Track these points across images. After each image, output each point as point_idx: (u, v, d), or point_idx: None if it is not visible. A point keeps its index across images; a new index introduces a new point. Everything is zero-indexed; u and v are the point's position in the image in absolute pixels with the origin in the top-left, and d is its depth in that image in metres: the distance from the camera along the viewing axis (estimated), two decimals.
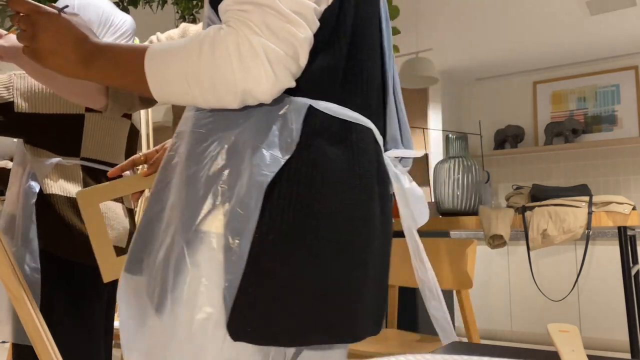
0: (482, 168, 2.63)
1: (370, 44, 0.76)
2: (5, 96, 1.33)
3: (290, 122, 0.67)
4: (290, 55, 0.63)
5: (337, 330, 0.70)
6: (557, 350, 0.65)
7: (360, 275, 0.71)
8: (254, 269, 0.64)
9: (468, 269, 1.74)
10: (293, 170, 0.66)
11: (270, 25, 0.62)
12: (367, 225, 0.71)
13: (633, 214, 2.10)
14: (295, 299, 0.66)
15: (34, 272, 1.34)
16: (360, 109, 0.74)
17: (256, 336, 0.65)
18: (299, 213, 0.65)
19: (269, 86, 0.63)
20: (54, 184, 1.37)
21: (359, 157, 0.71)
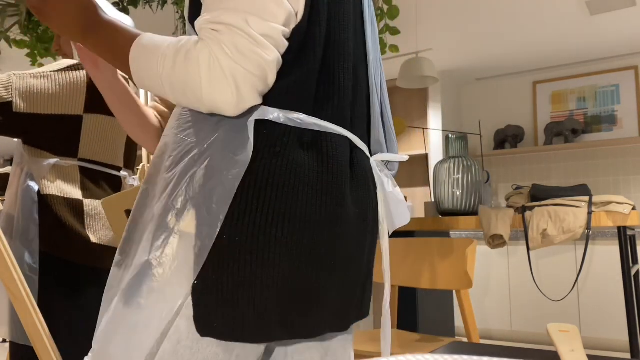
0: (482, 168, 2.63)
1: (345, 56, 0.79)
2: (4, 96, 1.33)
3: (252, 131, 0.70)
4: (258, 76, 0.67)
5: (295, 328, 0.73)
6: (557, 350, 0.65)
7: (322, 277, 0.74)
8: (220, 268, 0.68)
9: (468, 269, 1.74)
10: (259, 177, 0.69)
11: (240, 47, 0.66)
12: (333, 228, 0.74)
13: (633, 214, 2.10)
14: (258, 299, 0.69)
15: (31, 272, 1.34)
16: (334, 119, 0.77)
17: (220, 332, 0.69)
18: (264, 216, 0.69)
19: (234, 105, 0.68)
20: (52, 185, 1.37)
21: (328, 164, 0.74)
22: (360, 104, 0.84)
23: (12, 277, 1.14)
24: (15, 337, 1.34)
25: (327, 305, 0.76)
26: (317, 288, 0.73)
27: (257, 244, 0.68)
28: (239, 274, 0.68)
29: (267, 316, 0.70)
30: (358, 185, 0.80)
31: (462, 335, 4.14)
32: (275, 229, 0.69)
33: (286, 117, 0.72)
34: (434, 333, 2.85)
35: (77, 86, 1.39)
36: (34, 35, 2.47)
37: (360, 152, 0.81)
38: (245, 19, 0.67)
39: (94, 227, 1.40)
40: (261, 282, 0.68)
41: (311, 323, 0.75)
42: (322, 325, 0.77)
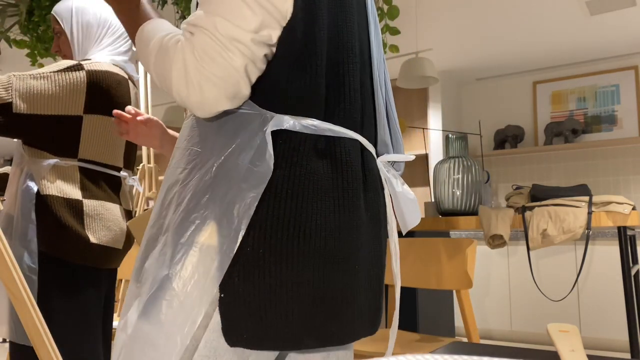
0: (482, 168, 2.63)
1: (352, 58, 0.79)
2: (4, 97, 1.33)
3: (268, 141, 0.71)
4: (222, 79, 0.69)
5: (326, 335, 0.74)
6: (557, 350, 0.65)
7: (348, 282, 0.74)
8: (246, 280, 0.69)
9: (468, 269, 1.74)
10: (279, 187, 0.70)
11: (207, 50, 0.68)
12: (352, 233, 0.75)
13: (633, 214, 2.10)
14: (286, 308, 0.70)
15: (31, 272, 1.34)
16: (345, 122, 0.78)
17: (251, 342, 0.70)
18: (286, 227, 0.70)
19: (199, 107, 0.71)
20: (51, 185, 1.37)
21: (343, 171, 0.75)
22: (368, 105, 0.85)
23: (12, 277, 1.14)
24: (15, 337, 1.34)
25: (356, 310, 0.77)
26: (343, 294, 0.74)
27: (281, 254, 0.69)
28: (266, 285, 0.69)
29: (296, 325, 0.71)
30: (369, 188, 0.81)
31: (462, 335, 4.14)
32: (297, 239, 0.70)
33: (301, 125, 0.72)
34: (434, 333, 2.85)
35: (76, 87, 1.39)
36: (34, 35, 2.47)
37: (369, 154, 0.82)
38: (215, 22, 0.68)
39: (93, 227, 1.40)
40: (287, 291, 0.69)
41: (342, 329, 0.75)
42: (356, 331, 0.78)
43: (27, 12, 2.41)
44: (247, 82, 0.72)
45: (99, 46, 1.50)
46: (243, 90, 0.72)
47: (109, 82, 1.44)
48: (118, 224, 1.46)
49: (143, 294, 0.74)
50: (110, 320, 1.57)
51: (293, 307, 0.70)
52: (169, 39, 0.73)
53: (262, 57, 0.72)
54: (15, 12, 2.41)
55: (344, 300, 0.74)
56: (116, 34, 1.53)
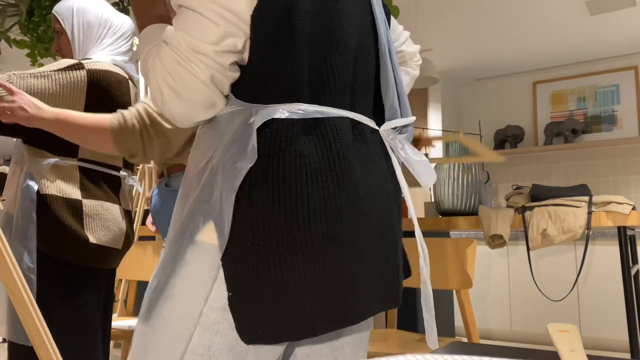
0: (482, 168, 2.63)
1: (339, 38, 0.78)
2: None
3: (254, 133, 0.72)
4: (193, 92, 0.71)
5: (340, 316, 0.73)
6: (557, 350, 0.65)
7: (354, 260, 0.74)
8: (251, 276, 0.69)
9: (468, 269, 1.74)
10: (271, 177, 0.70)
11: (174, 65, 0.71)
12: (353, 210, 0.74)
13: (633, 214, 2.10)
14: (296, 297, 0.69)
15: (30, 272, 1.34)
16: (332, 102, 0.77)
17: (267, 337, 0.69)
18: (283, 215, 0.69)
19: (177, 120, 0.74)
20: (51, 185, 1.37)
21: (334, 150, 0.74)
22: (365, 79, 0.83)
23: (12, 277, 1.14)
24: (14, 337, 1.34)
25: (370, 286, 0.76)
26: (352, 273, 0.74)
27: (282, 244, 0.69)
28: (272, 278, 0.69)
29: (309, 312, 0.70)
30: (370, 161, 0.80)
31: (462, 335, 4.14)
32: (296, 225, 0.69)
33: (288, 111, 0.73)
34: None
35: (77, 86, 1.39)
36: (34, 35, 2.47)
37: (366, 128, 0.81)
38: (179, 37, 0.71)
39: (92, 227, 1.40)
40: (294, 280, 0.69)
41: (354, 308, 0.75)
42: (371, 306, 0.77)
43: (27, 12, 2.41)
44: (217, 92, 0.74)
45: (99, 46, 1.50)
46: (216, 99, 0.74)
47: (109, 81, 1.44)
48: (117, 224, 1.46)
49: (146, 297, 0.75)
50: (109, 320, 1.57)
51: (303, 294, 0.69)
52: (147, 52, 0.77)
53: (229, 65, 0.73)
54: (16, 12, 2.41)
55: (353, 279, 0.73)
56: (117, 34, 1.53)
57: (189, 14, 0.71)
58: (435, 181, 0.86)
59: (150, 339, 0.72)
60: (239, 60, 0.74)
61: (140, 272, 2.50)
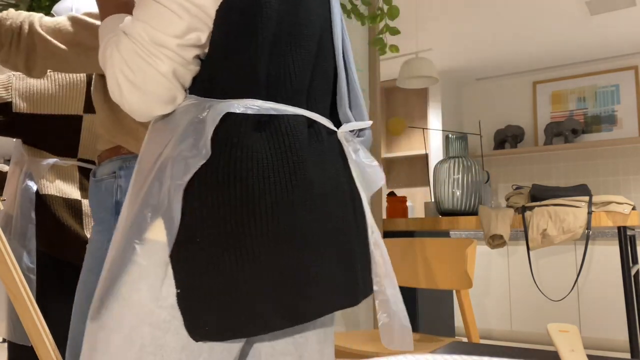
0: (481, 168, 2.63)
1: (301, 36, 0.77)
2: (4, 96, 1.33)
3: (206, 129, 0.70)
4: (153, 85, 0.70)
5: (293, 313, 0.72)
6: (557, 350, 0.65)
7: (308, 258, 0.73)
8: (200, 272, 0.67)
9: (468, 269, 1.74)
10: (222, 173, 0.69)
11: (134, 57, 0.69)
12: (307, 208, 0.73)
13: (633, 214, 2.10)
14: (247, 293, 0.68)
15: (29, 272, 1.34)
16: (289, 100, 0.76)
17: (216, 334, 0.68)
18: (234, 212, 0.68)
19: (135, 114, 0.73)
20: (50, 185, 1.37)
21: (289, 147, 0.73)
22: (322, 78, 0.83)
23: (12, 277, 1.14)
24: (14, 337, 1.34)
25: (326, 283, 0.75)
26: (307, 269, 0.72)
27: (232, 240, 0.68)
28: (221, 274, 0.67)
29: (260, 309, 0.69)
30: (326, 160, 0.79)
31: (462, 335, 4.14)
32: (247, 221, 0.68)
33: (242, 107, 0.71)
34: (434, 333, 2.85)
35: (76, 86, 1.39)
36: None
37: (322, 127, 0.80)
38: (140, 29, 0.69)
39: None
40: (245, 277, 0.68)
41: (312, 305, 0.74)
42: (326, 305, 0.76)
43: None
44: (178, 86, 0.72)
45: None
46: (177, 94, 0.73)
47: None
48: None
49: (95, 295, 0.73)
50: None
51: (253, 291, 0.68)
52: (106, 42, 0.74)
53: (191, 59, 0.72)
54: None
55: (306, 277, 0.72)
56: None
57: (151, 5, 0.69)
58: (380, 186, 0.86)
59: (100, 338, 0.70)
60: (200, 54, 0.73)
61: None
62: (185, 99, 0.74)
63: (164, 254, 0.69)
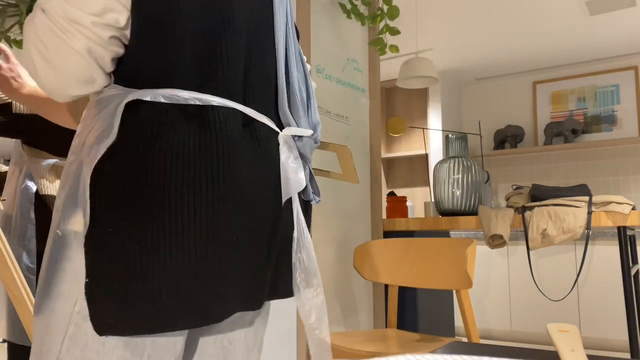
0: (481, 168, 2.63)
1: (231, 28, 0.75)
2: (3, 97, 1.33)
3: (118, 115, 0.69)
4: (68, 62, 0.68)
5: (201, 313, 0.70)
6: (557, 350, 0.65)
7: (223, 256, 0.71)
8: (110, 263, 0.65)
9: (468, 269, 1.74)
10: (138, 162, 0.67)
11: (47, 33, 0.67)
12: (228, 204, 0.71)
13: (632, 214, 2.10)
14: (153, 288, 0.66)
15: (29, 272, 1.34)
16: (219, 92, 0.73)
17: (119, 328, 0.66)
18: (148, 204, 0.66)
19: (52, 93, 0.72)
20: (50, 185, 1.37)
21: (217, 139, 0.71)
22: (261, 77, 0.81)
23: (12, 277, 1.14)
24: (13, 337, 1.34)
25: (234, 285, 0.73)
26: (217, 270, 0.70)
27: (144, 232, 0.65)
28: (130, 267, 0.65)
29: (166, 306, 0.67)
30: (258, 159, 0.77)
31: (462, 335, 4.14)
32: (160, 214, 0.66)
33: (162, 96, 0.69)
34: (434, 333, 2.85)
35: None
36: None
37: (260, 125, 0.79)
38: (55, 4, 0.67)
39: None
40: (154, 271, 0.66)
41: (219, 306, 0.72)
42: (233, 307, 0.74)
43: (27, 12, 2.41)
44: (95, 66, 0.70)
45: None
46: (94, 75, 0.71)
47: None
48: None
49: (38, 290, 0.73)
50: None
51: (161, 286, 0.66)
52: (30, 16, 0.72)
53: (108, 39, 0.69)
54: (16, 12, 2.41)
55: (219, 276, 0.70)
56: None
57: None
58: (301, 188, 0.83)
59: (43, 337, 0.70)
60: (120, 36, 0.71)
61: None
62: (110, 88, 0.72)
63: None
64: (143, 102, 0.69)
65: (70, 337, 0.68)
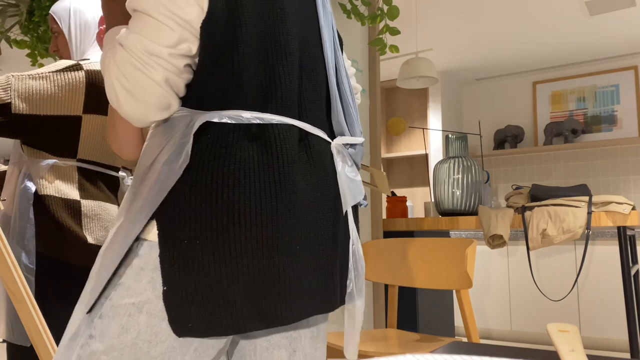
0: (481, 168, 2.63)
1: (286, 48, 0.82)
2: (3, 97, 1.33)
3: (190, 136, 0.75)
4: (147, 92, 0.75)
5: (270, 317, 0.76)
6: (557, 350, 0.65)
7: (288, 264, 0.77)
8: (186, 271, 0.72)
9: (468, 269, 1.74)
10: (210, 180, 0.74)
11: (128, 67, 0.74)
12: (291, 216, 0.77)
13: (632, 214, 2.10)
14: (227, 294, 0.73)
15: (28, 272, 1.34)
16: (279, 110, 0.80)
17: (197, 331, 0.73)
18: (220, 217, 0.73)
19: (133, 119, 0.77)
20: (50, 185, 1.37)
21: (276, 155, 0.77)
22: (313, 90, 0.87)
23: (13, 277, 1.14)
24: (12, 338, 1.34)
25: (303, 290, 0.79)
26: (285, 275, 0.76)
27: (217, 243, 0.72)
28: (205, 274, 0.72)
29: (238, 310, 0.73)
30: (315, 171, 0.83)
31: (462, 335, 4.14)
32: (232, 226, 0.73)
33: (228, 117, 0.76)
34: (434, 333, 2.85)
35: (75, 87, 1.39)
36: (34, 36, 2.47)
37: (314, 138, 0.85)
38: (134, 39, 0.74)
39: (91, 227, 1.40)
40: (227, 278, 0.72)
41: (288, 310, 0.78)
42: (303, 311, 0.80)
43: (27, 12, 2.41)
44: (172, 93, 0.77)
45: (96, 46, 1.50)
46: (171, 101, 0.77)
47: None
48: None
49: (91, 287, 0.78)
50: None
51: (234, 292, 0.73)
52: (104, 53, 0.80)
53: (183, 68, 0.77)
54: (16, 12, 2.41)
55: (286, 280, 0.77)
56: None
57: (144, 19, 0.74)
58: (357, 202, 0.89)
59: (97, 325, 0.75)
60: (192, 63, 0.78)
61: None
62: (178, 110, 0.79)
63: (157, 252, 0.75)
64: (211, 123, 0.76)
65: (122, 325, 0.74)
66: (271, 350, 0.87)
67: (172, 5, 0.74)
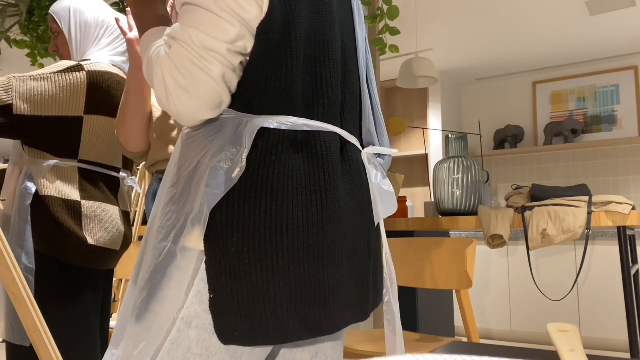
0: (481, 168, 2.63)
1: (332, 55, 0.81)
2: (4, 98, 1.33)
3: (244, 142, 0.74)
4: (203, 89, 0.72)
5: (315, 325, 0.76)
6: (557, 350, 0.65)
7: (332, 273, 0.76)
8: (233, 279, 0.71)
9: (468, 269, 1.74)
10: (259, 187, 0.73)
11: (184, 62, 0.72)
12: (335, 225, 0.77)
13: (632, 214, 2.10)
14: (274, 303, 0.72)
15: (28, 272, 1.34)
16: (324, 118, 0.80)
17: (243, 339, 0.72)
18: (267, 225, 0.72)
19: (182, 118, 0.75)
20: (50, 186, 1.37)
21: (322, 165, 0.77)
22: (350, 98, 0.87)
23: (13, 277, 1.14)
24: (12, 338, 1.34)
25: (343, 299, 0.79)
26: (329, 285, 0.76)
27: (264, 252, 0.71)
28: (252, 283, 0.71)
29: (285, 319, 0.73)
30: (352, 179, 0.83)
31: (462, 335, 4.14)
32: (279, 235, 0.72)
33: (277, 123, 0.75)
34: (434, 333, 2.85)
35: (77, 87, 1.39)
36: (34, 36, 2.47)
37: (351, 147, 0.84)
38: (191, 34, 0.72)
39: (91, 228, 1.40)
40: (274, 287, 0.72)
41: (331, 319, 0.77)
42: (344, 319, 0.80)
43: (27, 12, 2.41)
44: (226, 90, 0.75)
45: (97, 46, 1.50)
46: (224, 98, 0.75)
47: (109, 82, 1.44)
48: (115, 226, 1.46)
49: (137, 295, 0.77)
50: (107, 321, 1.57)
51: (280, 301, 0.72)
52: (152, 51, 0.77)
53: (238, 65, 0.75)
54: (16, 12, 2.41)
55: (330, 290, 0.76)
56: (114, 34, 1.53)
57: (201, 13, 0.72)
58: (390, 214, 0.90)
59: (143, 338, 0.73)
60: (244, 61, 0.77)
61: None
62: (224, 112, 0.78)
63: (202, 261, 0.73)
64: (261, 128, 0.75)
65: (172, 341, 0.72)
66: (294, 352, 0.87)
67: (233, 2, 0.72)
